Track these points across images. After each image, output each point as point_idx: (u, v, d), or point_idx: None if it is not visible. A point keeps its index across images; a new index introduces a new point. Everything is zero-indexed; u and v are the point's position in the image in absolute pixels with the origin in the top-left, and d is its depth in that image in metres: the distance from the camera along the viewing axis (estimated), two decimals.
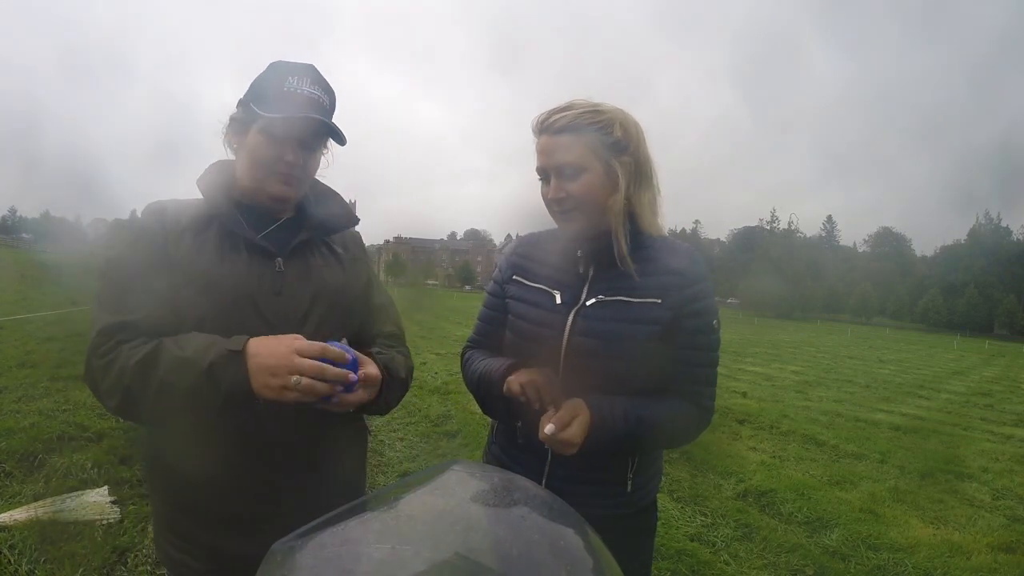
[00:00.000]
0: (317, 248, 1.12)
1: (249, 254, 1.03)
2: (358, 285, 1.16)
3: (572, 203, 1.04)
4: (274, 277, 1.04)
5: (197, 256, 1.00)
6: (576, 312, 1.06)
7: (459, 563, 0.56)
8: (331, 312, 1.08)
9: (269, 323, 1.01)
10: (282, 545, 0.57)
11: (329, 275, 1.11)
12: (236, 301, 0.99)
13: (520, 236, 1.26)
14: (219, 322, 0.97)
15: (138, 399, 0.91)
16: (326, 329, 1.06)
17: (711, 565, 2.84)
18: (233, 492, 1.02)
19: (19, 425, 3.65)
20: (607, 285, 1.06)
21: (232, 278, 1.00)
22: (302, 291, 1.06)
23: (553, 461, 1.11)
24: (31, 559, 2.23)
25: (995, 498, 4.32)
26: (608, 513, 1.09)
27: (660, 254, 1.07)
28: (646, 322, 1.03)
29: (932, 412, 8.07)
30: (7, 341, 6.66)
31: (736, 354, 14.09)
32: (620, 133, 1.03)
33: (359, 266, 1.18)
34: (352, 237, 1.22)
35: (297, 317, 1.04)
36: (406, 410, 5.30)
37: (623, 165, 1.03)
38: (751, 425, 5.98)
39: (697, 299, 1.04)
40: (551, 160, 1.04)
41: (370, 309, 1.18)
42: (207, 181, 1.07)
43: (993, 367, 18.59)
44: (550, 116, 1.04)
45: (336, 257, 1.14)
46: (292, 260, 1.06)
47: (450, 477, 0.69)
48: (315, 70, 1.04)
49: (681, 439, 1.15)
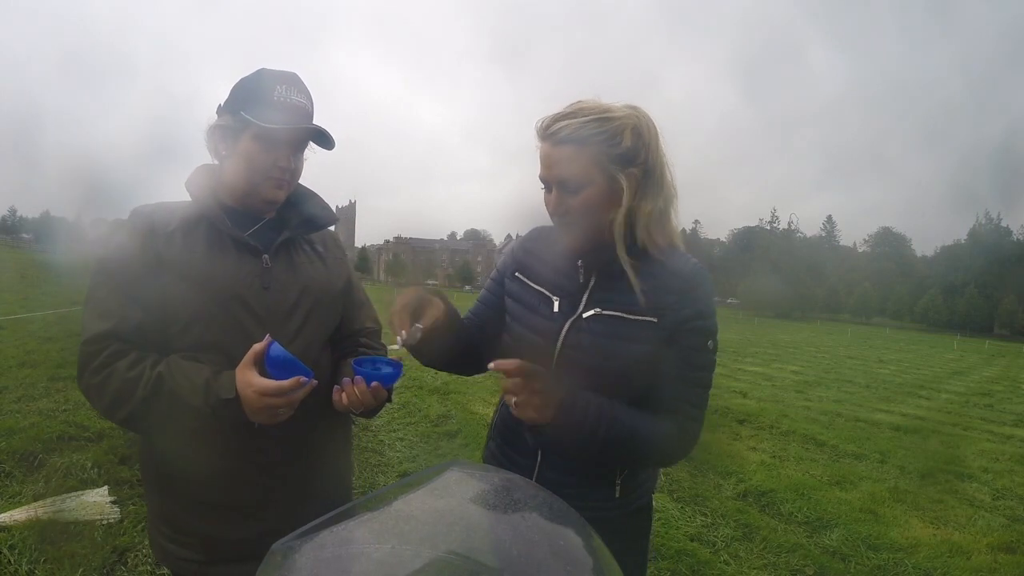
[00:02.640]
0: (300, 246, 1.17)
1: (237, 252, 1.08)
2: (339, 282, 1.22)
3: (572, 217, 1.01)
4: (262, 273, 1.09)
5: (189, 255, 1.05)
6: (572, 323, 1.04)
7: (459, 563, 0.56)
8: (316, 306, 1.15)
9: (259, 317, 1.07)
10: (282, 545, 0.57)
11: (313, 271, 1.17)
12: (227, 297, 1.05)
13: (531, 230, 1.21)
14: (211, 317, 1.03)
15: (140, 426, 1.05)
16: (312, 322, 1.14)
17: (711, 565, 2.84)
18: (224, 480, 1.06)
19: (19, 425, 3.65)
20: (607, 297, 1.03)
21: (223, 275, 1.06)
22: (289, 286, 1.11)
23: (543, 461, 1.11)
24: (31, 559, 2.23)
25: (995, 498, 4.32)
26: (600, 514, 1.07)
27: (664, 270, 1.01)
28: (640, 341, 1.00)
29: (932, 412, 8.06)
30: (7, 341, 6.66)
31: (736, 354, 14.08)
32: (630, 142, 0.97)
33: (339, 265, 1.25)
34: (331, 237, 1.28)
35: (284, 311, 1.10)
36: (406, 410, 5.30)
37: (629, 177, 0.97)
38: (751, 425, 5.97)
39: (695, 319, 1.00)
40: (552, 172, 0.99)
41: (350, 305, 1.25)
42: (195, 183, 1.11)
43: (993, 367, 18.59)
44: (554, 123, 0.97)
45: (318, 255, 1.20)
46: (277, 257, 1.12)
47: (449, 477, 0.69)
48: (299, 79, 1.10)
49: (656, 457, 1.09)
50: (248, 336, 1.02)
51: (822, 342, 25.02)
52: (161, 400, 0.97)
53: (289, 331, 1.09)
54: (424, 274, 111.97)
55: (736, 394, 7.88)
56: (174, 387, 0.97)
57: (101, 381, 0.99)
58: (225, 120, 1.08)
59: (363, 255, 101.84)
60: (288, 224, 1.16)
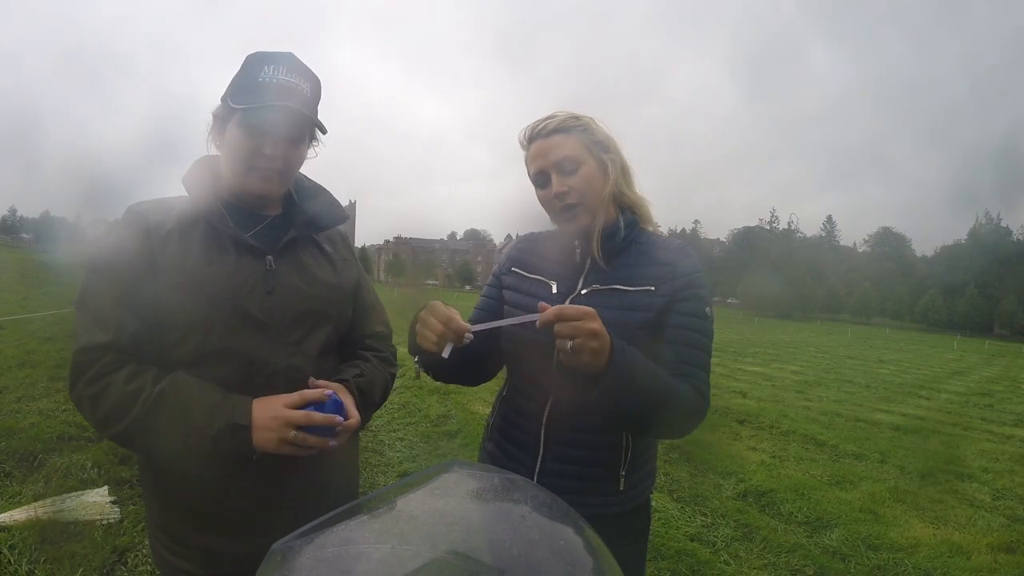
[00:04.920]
0: (307, 246, 1.09)
1: (238, 254, 1.01)
2: (349, 285, 1.15)
3: (575, 196, 1.07)
4: (265, 276, 1.01)
5: (184, 259, 0.97)
6: (571, 301, 1.08)
7: (458, 563, 0.56)
8: (324, 312, 1.07)
9: (260, 323, 0.99)
10: (282, 545, 0.57)
11: (321, 273, 1.09)
12: (227, 303, 0.97)
13: (524, 234, 1.28)
14: (211, 325, 0.96)
15: (134, 443, 0.96)
16: (319, 329, 1.06)
17: (711, 565, 2.84)
18: (227, 495, 1.01)
19: (19, 425, 3.65)
20: (602, 275, 1.09)
21: (222, 279, 0.98)
22: (294, 290, 1.04)
23: (544, 457, 1.11)
24: (31, 559, 2.23)
25: (995, 498, 4.32)
26: (600, 512, 1.08)
27: (654, 247, 1.11)
28: (640, 309, 1.05)
29: (932, 412, 8.06)
30: (7, 341, 6.67)
31: (736, 354, 14.08)
32: (601, 135, 1.10)
33: (349, 266, 1.17)
34: (340, 237, 1.20)
35: (289, 317, 1.03)
36: (406, 410, 5.31)
37: (611, 160, 1.10)
38: (751, 425, 5.97)
39: (689, 287, 1.07)
40: (548, 159, 1.08)
41: (360, 309, 1.18)
42: (193, 179, 1.04)
43: (993, 367, 18.59)
44: (538, 124, 1.10)
45: (326, 256, 1.12)
46: (283, 258, 1.04)
47: (449, 477, 0.69)
48: (294, 57, 1.00)
49: (683, 422, 1.08)
50: (251, 344, 0.97)
51: (822, 342, 25.02)
52: (160, 417, 0.91)
53: (293, 338, 1.03)
54: (424, 274, 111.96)
55: (736, 394, 7.88)
56: (177, 405, 0.91)
57: (96, 393, 0.92)
58: (217, 110, 1.03)
59: (363, 255, 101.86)
60: (295, 222, 1.08)
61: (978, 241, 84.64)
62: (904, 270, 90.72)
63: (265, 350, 1.00)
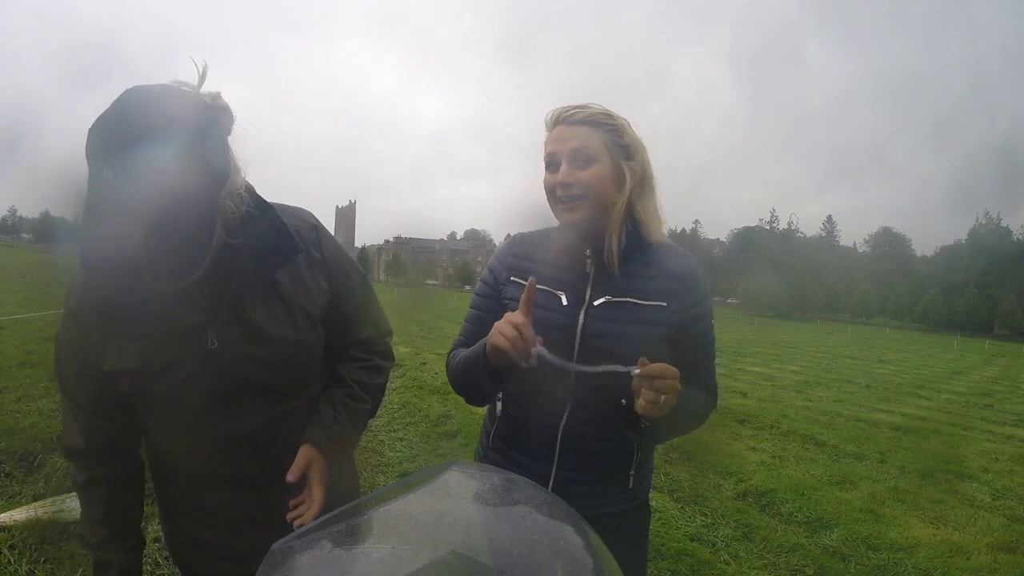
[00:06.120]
0: (257, 296, 0.92)
1: (175, 332, 0.88)
2: (313, 336, 0.99)
3: (580, 190, 1.04)
4: (207, 359, 0.89)
5: (119, 357, 0.88)
6: (586, 312, 1.06)
7: (458, 562, 0.56)
8: (283, 370, 0.96)
9: (216, 411, 0.93)
10: (282, 545, 0.57)
11: (277, 331, 0.94)
12: (178, 399, 0.90)
13: (511, 236, 1.23)
14: (165, 424, 0.98)
15: None
16: (279, 390, 0.98)
17: (711, 565, 2.84)
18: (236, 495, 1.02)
19: (19, 425, 3.65)
20: (610, 286, 1.07)
21: (165, 371, 0.88)
22: (246, 364, 0.92)
23: (559, 465, 1.10)
24: (31, 559, 2.24)
25: (995, 498, 4.32)
26: (612, 511, 1.11)
27: (663, 259, 1.10)
28: (655, 324, 1.06)
29: (932, 412, 8.06)
30: (7, 341, 6.66)
31: (736, 354, 14.08)
32: (629, 140, 1.07)
33: (313, 293, 0.99)
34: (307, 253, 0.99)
35: (246, 391, 0.94)
36: (406, 410, 5.30)
37: (631, 169, 1.06)
38: (751, 425, 5.97)
39: (699, 303, 1.10)
40: (564, 146, 1.05)
41: (336, 323, 1.04)
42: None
43: (993, 367, 18.59)
44: (569, 109, 1.07)
45: (282, 300, 0.95)
46: (228, 327, 0.90)
47: (449, 477, 0.69)
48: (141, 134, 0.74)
49: (700, 421, 1.18)
50: (220, 420, 0.94)
51: (822, 342, 25.02)
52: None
53: (250, 406, 0.95)
54: (424, 274, 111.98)
55: (736, 394, 7.88)
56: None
57: (83, 497, 1.00)
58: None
59: (363, 255, 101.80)
60: (235, 273, 0.88)
61: (978, 241, 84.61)
62: (904, 270, 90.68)
63: (236, 421, 0.96)
